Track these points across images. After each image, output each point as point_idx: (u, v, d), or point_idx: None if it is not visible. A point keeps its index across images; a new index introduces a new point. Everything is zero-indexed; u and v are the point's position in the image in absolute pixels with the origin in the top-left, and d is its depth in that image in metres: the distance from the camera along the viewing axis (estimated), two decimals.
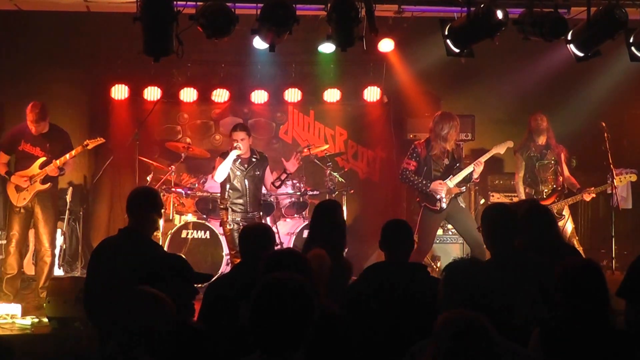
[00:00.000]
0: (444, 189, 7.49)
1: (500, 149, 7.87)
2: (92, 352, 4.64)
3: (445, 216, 7.72)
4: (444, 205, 7.52)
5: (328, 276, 4.43)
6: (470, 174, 7.61)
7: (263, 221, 8.04)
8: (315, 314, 2.71)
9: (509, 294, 4.15)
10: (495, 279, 4.12)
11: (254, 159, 7.62)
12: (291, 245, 8.35)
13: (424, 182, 7.51)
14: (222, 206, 7.71)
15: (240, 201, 7.57)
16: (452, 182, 7.53)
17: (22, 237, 7.77)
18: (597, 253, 8.57)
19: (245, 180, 7.56)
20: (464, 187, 7.75)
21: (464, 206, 7.67)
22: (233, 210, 7.57)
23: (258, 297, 2.70)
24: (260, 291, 2.71)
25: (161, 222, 8.53)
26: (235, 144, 7.49)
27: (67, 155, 7.66)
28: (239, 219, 7.52)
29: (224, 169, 7.54)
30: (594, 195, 8.01)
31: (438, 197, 7.51)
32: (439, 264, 8.60)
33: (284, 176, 7.81)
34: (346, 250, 5.68)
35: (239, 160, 7.55)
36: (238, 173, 7.56)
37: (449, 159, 7.61)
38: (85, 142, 7.98)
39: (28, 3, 7.74)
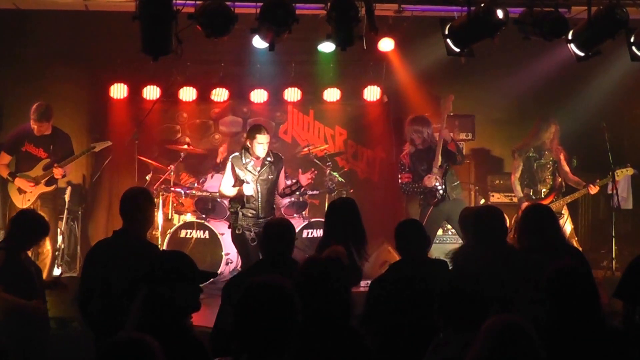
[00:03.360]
0: (433, 177, 7.56)
1: (447, 108, 7.82)
2: (89, 352, 4.61)
3: (446, 217, 7.74)
4: (442, 192, 7.60)
5: None
6: (446, 148, 7.60)
7: None
8: (299, 317, 2.69)
9: (508, 294, 4.15)
10: (492, 279, 4.13)
11: (267, 162, 7.19)
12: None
13: (418, 184, 7.62)
14: (232, 209, 7.34)
15: (252, 206, 7.17)
16: (435, 167, 7.59)
17: None
18: (597, 253, 8.56)
19: (257, 185, 7.14)
20: (447, 165, 7.75)
21: (456, 195, 7.70)
22: (244, 215, 7.16)
23: (242, 300, 2.67)
24: (243, 295, 2.68)
25: (160, 221, 8.55)
26: (246, 189, 7.07)
27: (73, 157, 7.70)
28: (250, 224, 7.14)
29: (227, 190, 7.25)
30: (598, 187, 7.98)
31: (433, 188, 7.57)
32: None
33: (295, 187, 7.37)
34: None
35: (252, 162, 7.17)
36: (249, 177, 7.15)
37: (429, 155, 7.67)
38: (92, 145, 8.02)
39: (27, 2, 7.73)
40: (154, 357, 2.46)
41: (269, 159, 7.21)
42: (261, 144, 7.09)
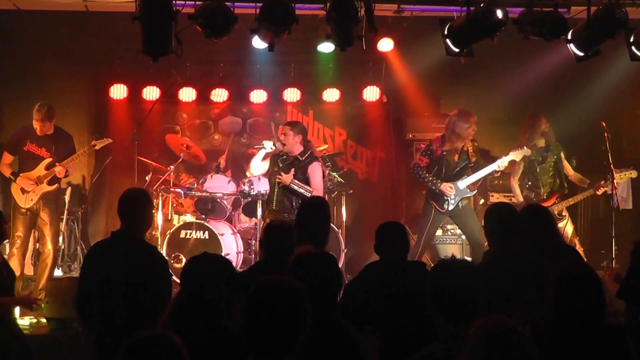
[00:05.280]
0: (454, 192, 7.46)
1: (517, 156, 7.75)
2: (90, 352, 4.61)
3: (448, 215, 7.71)
4: (450, 207, 7.51)
5: None
6: (484, 177, 7.61)
7: (258, 219, 8.00)
8: (309, 318, 2.68)
9: (505, 295, 4.15)
10: (490, 280, 4.12)
11: (294, 158, 7.28)
12: None
13: (434, 180, 7.49)
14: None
15: (269, 199, 7.42)
16: (463, 182, 7.50)
17: (26, 239, 7.75)
18: (597, 254, 8.55)
19: (276, 178, 7.31)
20: (475, 191, 7.71)
21: (464, 204, 7.62)
22: (265, 207, 7.54)
23: (251, 300, 2.67)
24: (254, 294, 2.68)
25: (160, 222, 8.55)
26: (252, 166, 7.71)
27: (74, 156, 7.71)
28: (267, 214, 7.39)
29: (254, 164, 7.64)
30: (605, 188, 7.93)
31: (446, 198, 7.50)
32: None
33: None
34: (344, 250, 5.61)
35: (285, 156, 7.34)
36: (275, 169, 7.37)
37: (462, 159, 7.57)
38: (92, 143, 8.02)
39: (27, 2, 7.74)
40: (178, 353, 2.46)
41: (299, 156, 7.28)
42: (282, 135, 7.33)
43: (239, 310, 2.73)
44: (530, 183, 8.05)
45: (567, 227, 7.99)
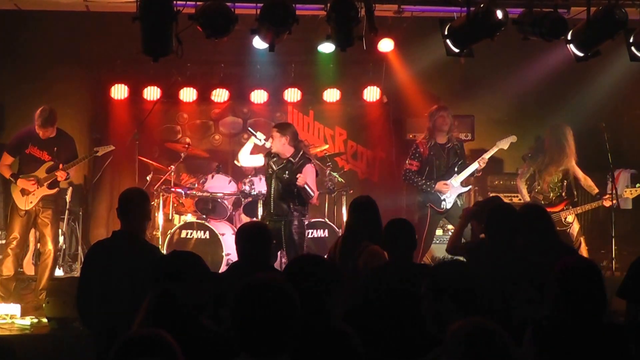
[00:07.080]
0: (449, 188, 7.49)
1: (504, 145, 7.82)
2: (90, 352, 4.63)
3: (445, 215, 7.74)
4: (448, 206, 7.54)
5: None
6: (475, 171, 7.62)
7: (259, 219, 8.04)
8: (299, 316, 2.68)
9: (506, 294, 4.16)
10: (491, 280, 4.13)
11: (287, 160, 7.26)
12: None
13: (428, 183, 7.53)
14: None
15: (267, 201, 7.40)
16: (456, 180, 7.53)
17: (23, 240, 7.75)
18: (597, 253, 8.56)
19: (272, 181, 7.30)
20: (469, 186, 7.74)
21: (460, 204, 7.66)
22: (264, 208, 7.51)
23: (239, 298, 2.67)
24: (242, 293, 2.68)
25: (160, 222, 8.56)
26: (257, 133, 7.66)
27: (76, 161, 7.73)
28: (266, 218, 7.36)
29: (243, 154, 7.69)
30: (614, 201, 7.89)
31: (442, 197, 7.52)
32: None
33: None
34: None
35: (276, 158, 7.31)
36: (270, 171, 7.34)
37: (450, 155, 7.60)
38: (95, 150, 8.06)
39: (27, 3, 7.75)
40: (171, 351, 2.46)
41: (292, 158, 7.27)
42: (270, 137, 7.34)
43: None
44: (539, 187, 8.02)
45: (573, 225, 7.96)
